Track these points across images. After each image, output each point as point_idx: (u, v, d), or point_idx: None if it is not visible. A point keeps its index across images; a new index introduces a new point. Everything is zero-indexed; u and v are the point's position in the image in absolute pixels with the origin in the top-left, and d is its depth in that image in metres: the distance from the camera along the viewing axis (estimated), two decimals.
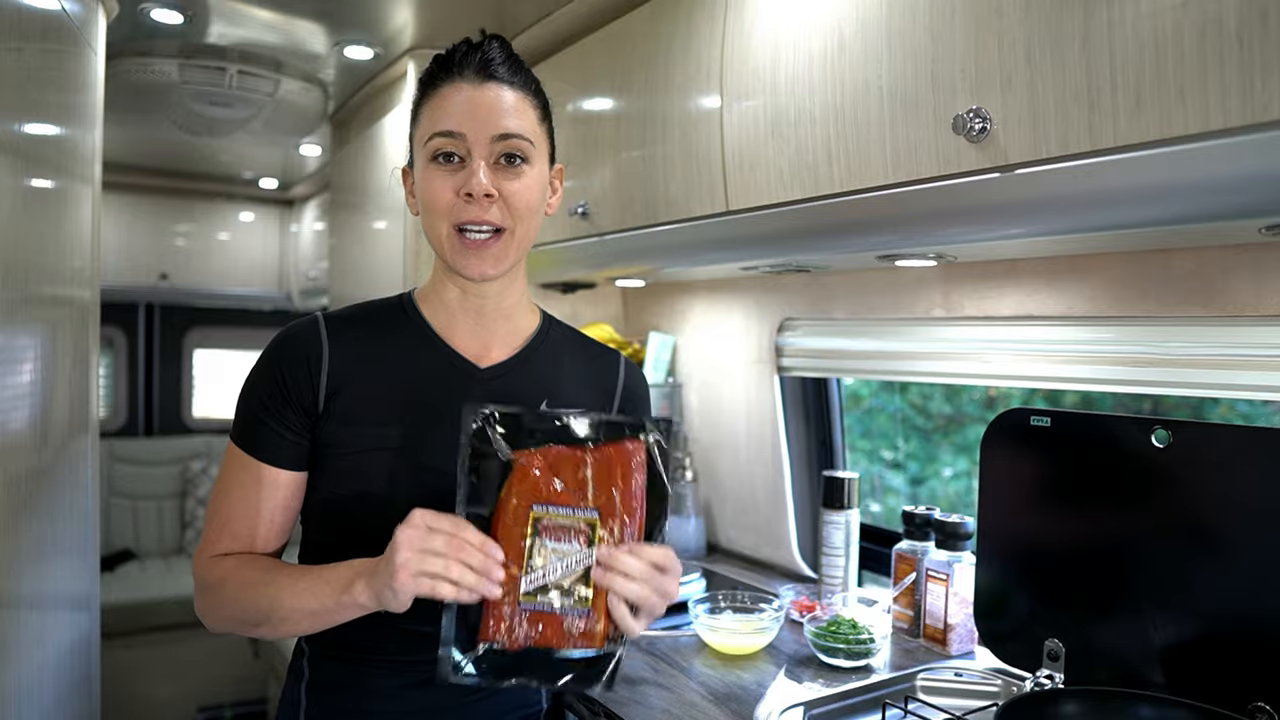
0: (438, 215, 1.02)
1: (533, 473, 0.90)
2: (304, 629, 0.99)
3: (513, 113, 1.02)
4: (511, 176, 1.02)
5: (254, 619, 0.99)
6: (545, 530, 0.89)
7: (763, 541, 2.09)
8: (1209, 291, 1.26)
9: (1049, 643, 1.25)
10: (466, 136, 1.00)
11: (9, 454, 1.24)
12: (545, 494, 0.89)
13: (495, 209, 1.01)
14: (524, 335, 1.13)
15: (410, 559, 0.85)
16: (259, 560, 1.04)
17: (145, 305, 4.39)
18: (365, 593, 0.90)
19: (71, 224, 1.55)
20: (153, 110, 2.66)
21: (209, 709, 3.59)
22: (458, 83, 1.02)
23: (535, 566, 0.88)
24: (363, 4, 2.02)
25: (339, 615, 0.94)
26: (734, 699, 1.35)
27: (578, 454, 0.91)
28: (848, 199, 1.25)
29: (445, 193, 1.01)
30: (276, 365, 1.04)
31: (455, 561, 0.85)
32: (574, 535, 0.89)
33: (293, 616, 0.96)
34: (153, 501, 4.16)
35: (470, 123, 1.00)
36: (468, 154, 1.01)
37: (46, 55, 1.38)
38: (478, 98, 1.01)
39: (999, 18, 1.01)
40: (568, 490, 0.90)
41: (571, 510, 0.90)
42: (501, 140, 1.01)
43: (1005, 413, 1.33)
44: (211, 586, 1.03)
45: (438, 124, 1.01)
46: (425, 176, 1.03)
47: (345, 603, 0.92)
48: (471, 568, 0.85)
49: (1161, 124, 0.87)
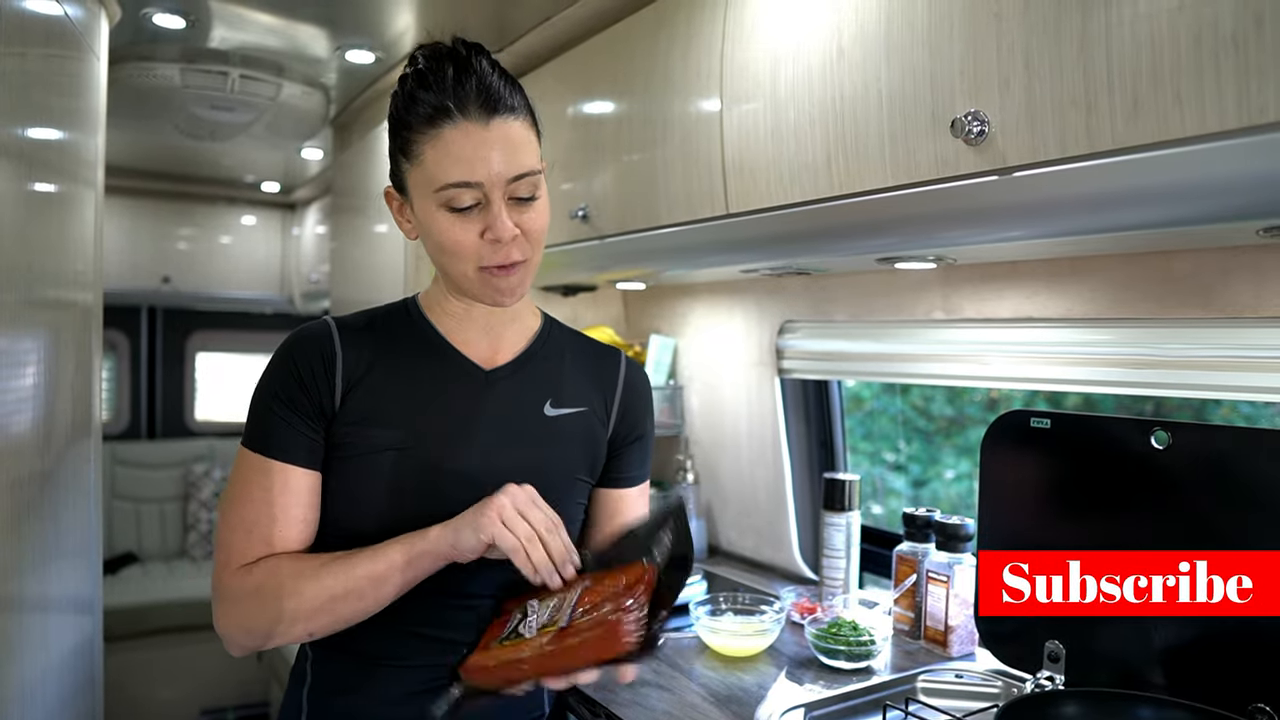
0: (461, 259, 0.99)
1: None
2: (362, 609, 0.97)
3: (523, 147, 0.99)
4: (527, 209, 1.00)
5: (314, 605, 0.96)
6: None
7: (764, 543, 2.09)
8: (1208, 293, 1.26)
9: (1049, 644, 1.25)
10: (484, 185, 0.96)
11: (12, 457, 1.25)
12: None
13: (518, 245, 1.00)
14: (527, 337, 1.13)
15: (508, 509, 0.92)
16: (303, 554, 1.01)
17: (148, 308, 4.40)
18: (441, 535, 0.95)
19: (74, 228, 1.56)
20: (155, 114, 2.66)
21: (211, 712, 3.59)
22: (463, 124, 0.95)
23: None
24: (364, 8, 2.03)
25: (407, 573, 0.96)
26: (735, 701, 1.35)
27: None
28: (847, 202, 1.26)
29: (469, 238, 0.98)
30: (293, 364, 1.03)
31: (538, 540, 0.92)
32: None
33: (358, 586, 0.96)
34: (155, 505, 4.17)
35: (486, 170, 0.96)
36: (485, 198, 0.97)
37: (49, 60, 1.39)
38: (489, 140, 0.96)
39: (997, 21, 1.02)
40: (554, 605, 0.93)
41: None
42: (517, 181, 0.98)
43: (1005, 414, 1.33)
44: (249, 594, 0.99)
45: (449, 174, 0.96)
46: (440, 223, 0.98)
47: (419, 550, 0.95)
48: (550, 553, 0.92)
49: (1158, 127, 0.87)
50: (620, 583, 0.89)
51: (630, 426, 1.17)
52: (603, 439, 1.15)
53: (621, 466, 1.17)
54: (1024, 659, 1.29)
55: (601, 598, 0.88)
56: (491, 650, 0.91)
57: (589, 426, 1.13)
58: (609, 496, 1.17)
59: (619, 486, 1.18)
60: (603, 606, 0.86)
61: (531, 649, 0.87)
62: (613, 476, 1.17)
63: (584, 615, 0.87)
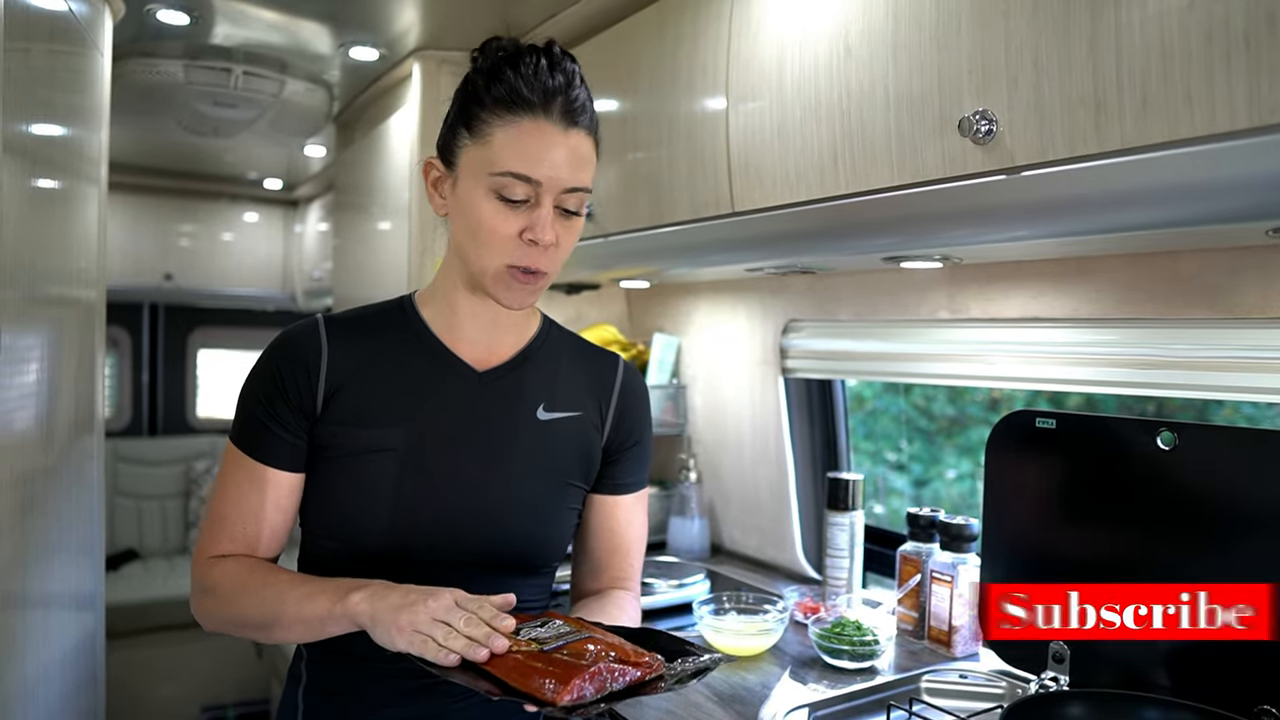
0: (492, 250, 0.98)
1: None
2: (296, 637, 0.98)
3: (586, 164, 0.99)
4: (569, 224, 1.00)
5: (251, 623, 0.99)
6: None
7: (767, 543, 2.09)
8: (1215, 293, 1.25)
9: (1054, 645, 1.25)
10: (542, 185, 0.96)
11: (15, 453, 1.25)
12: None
13: (549, 254, 0.99)
14: (524, 339, 1.12)
15: (423, 622, 0.84)
16: (258, 564, 1.03)
17: (150, 305, 4.40)
18: (360, 609, 0.88)
19: (77, 224, 1.56)
20: (158, 111, 2.66)
21: (212, 709, 3.59)
22: (543, 122, 0.95)
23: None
24: (368, 5, 2.02)
25: (330, 626, 0.93)
26: (738, 700, 1.35)
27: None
28: (853, 201, 1.25)
29: (508, 230, 0.97)
30: (275, 366, 1.03)
31: (454, 637, 0.83)
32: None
33: (288, 624, 0.95)
34: (157, 501, 4.17)
35: (549, 172, 0.95)
36: (536, 198, 0.97)
37: (53, 56, 1.38)
38: (562, 145, 0.96)
39: (1006, 19, 1.01)
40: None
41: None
42: (570, 193, 0.98)
43: (1010, 414, 1.33)
44: (209, 589, 1.02)
45: (513, 163, 0.95)
46: (485, 209, 0.97)
47: (336, 614, 0.90)
48: (472, 638, 0.83)
49: (1168, 126, 0.87)
50: (626, 652, 0.86)
51: (626, 433, 1.16)
52: (597, 444, 1.13)
53: (618, 473, 1.16)
54: (1028, 660, 1.29)
55: (594, 653, 0.85)
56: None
57: (583, 431, 1.12)
58: (605, 503, 1.16)
59: (615, 493, 1.16)
60: (585, 655, 0.84)
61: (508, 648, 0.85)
62: (609, 483, 1.16)
63: (567, 653, 0.84)
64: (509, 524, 1.05)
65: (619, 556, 1.18)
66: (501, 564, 1.06)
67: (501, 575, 1.06)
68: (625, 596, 1.16)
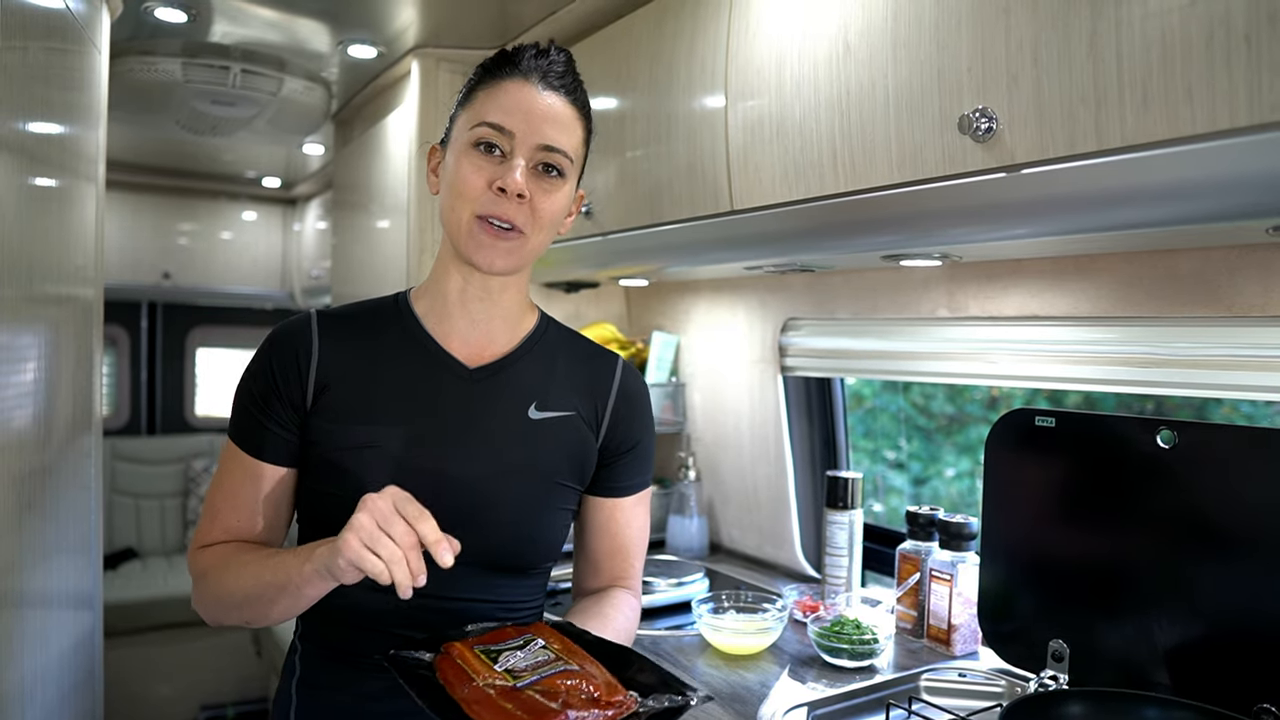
0: (464, 200, 1.01)
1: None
2: (281, 610, 0.97)
3: (564, 127, 1.02)
4: (545, 186, 1.02)
5: (236, 599, 0.99)
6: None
7: (766, 541, 2.09)
8: (1215, 292, 1.25)
9: (1053, 643, 1.25)
10: (515, 135, 1.00)
11: (13, 452, 1.24)
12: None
13: (522, 211, 1.01)
14: (519, 336, 1.12)
15: (366, 528, 0.83)
16: (242, 545, 1.05)
17: (148, 304, 4.40)
18: (320, 555, 0.88)
19: (75, 222, 1.55)
20: (156, 109, 2.65)
21: (211, 707, 3.59)
22: (520, 81, 1.01)
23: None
24: (366, 3, 2.02)
25: (306, 589, 0.92)
26: (738, 699, 1.34)
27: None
28: (852, 199, 1.25)
29: (478, 180, 1.00)
30: (268, 361, 1.05)
31: (402, 560, 0.83)
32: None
33: (270, 594, 0.95)
34: (155, 500, 4.17)
35: (522, 123, 1.00)
36: (510, 151, 1.00)
37: (50, 53, 1.38)
38: (536, 101, 1.01)
39: (1006, 16, 1.01)
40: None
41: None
42: (545, 150, 1.01)
43: (1010, 413, 1.33)
44: (200, 575, 1.05)
45: (489, 114, 1.00)
46: (461, 160, 1.01)
47: (306, 573, 0.90)
48: (411, 570, 0.83)
49: (1169, 124, 0.87)
50: (598, 691, 0.84)
51: (624, 436, 1.15)
52: (592, 446, 1.13)
53: (616, 476, 1.15)
54: (1027, 658, 1.29)
55: (568, 689, 0.84)
56: (472, 650, 0.90)
57: (576, 432, 1.11)
58: (604, 505, 1.16)
59: (615, 495, 1.16)
60: (558, 697, 0.83)
61: (482, 678, 0.85)
62: (607, 485, 1.15)
63: (539, 691, 0.83)
64: (499, 523, 1.05)
65: (619, 556, 1.18)
66: (493, 564, 1.06)
67: (493, 575, 1.06)
68: (624, 595, 1.16)
